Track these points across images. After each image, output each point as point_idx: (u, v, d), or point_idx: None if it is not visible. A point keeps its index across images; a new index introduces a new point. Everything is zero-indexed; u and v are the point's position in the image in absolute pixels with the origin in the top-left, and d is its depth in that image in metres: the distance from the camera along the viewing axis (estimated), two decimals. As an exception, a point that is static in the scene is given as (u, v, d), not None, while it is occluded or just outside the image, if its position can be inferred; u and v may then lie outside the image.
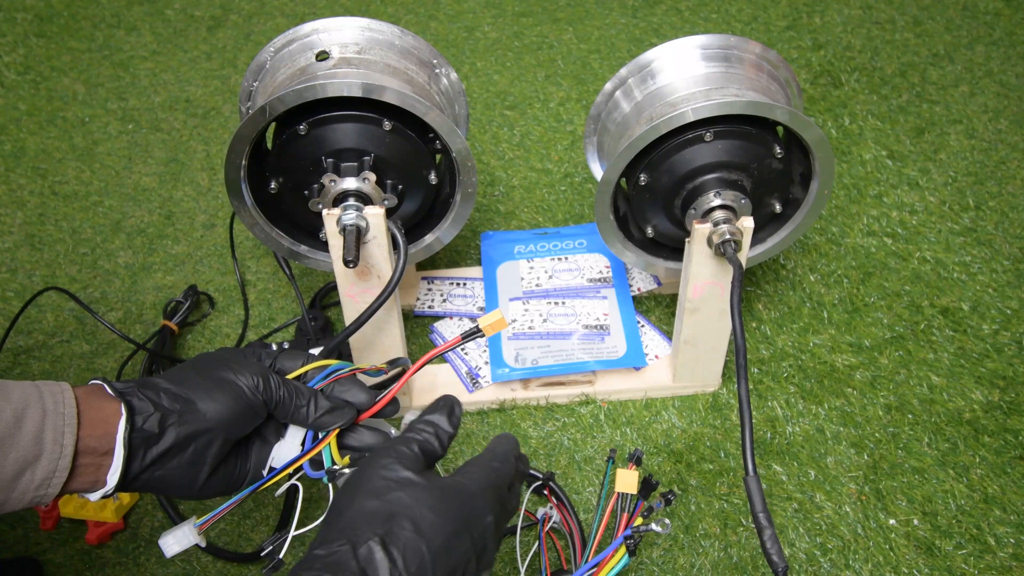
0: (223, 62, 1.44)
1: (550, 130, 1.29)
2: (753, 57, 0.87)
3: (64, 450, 0.52)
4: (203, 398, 0.57)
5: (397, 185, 0.81)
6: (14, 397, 0.52)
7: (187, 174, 1.23)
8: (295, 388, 0.61)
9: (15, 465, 0.51)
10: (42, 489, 0.52)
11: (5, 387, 0.53)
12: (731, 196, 0.79)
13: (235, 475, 0.61)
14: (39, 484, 0.52)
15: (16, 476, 0.51)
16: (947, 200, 1.14)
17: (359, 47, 0.86)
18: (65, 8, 1.57)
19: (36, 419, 0.52)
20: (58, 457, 0.52)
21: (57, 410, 0.53)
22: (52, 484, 0.52)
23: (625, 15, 1.51)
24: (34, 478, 0.51)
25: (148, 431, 0.55)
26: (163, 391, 0.57)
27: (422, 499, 0.51)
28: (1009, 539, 0.80)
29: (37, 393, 0.53)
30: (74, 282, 1.08)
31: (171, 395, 0.57)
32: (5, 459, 0.50)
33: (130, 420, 0.54)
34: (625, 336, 0.95)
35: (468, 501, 0.52)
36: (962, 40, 1.42)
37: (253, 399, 0.59)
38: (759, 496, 0.60)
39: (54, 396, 0.53)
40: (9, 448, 0.51)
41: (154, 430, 0.55)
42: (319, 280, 1.08)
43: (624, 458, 0.86)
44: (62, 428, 0.52)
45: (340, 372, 0.65)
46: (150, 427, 0.55)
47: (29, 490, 0.52)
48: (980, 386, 0.92)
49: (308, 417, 0.61)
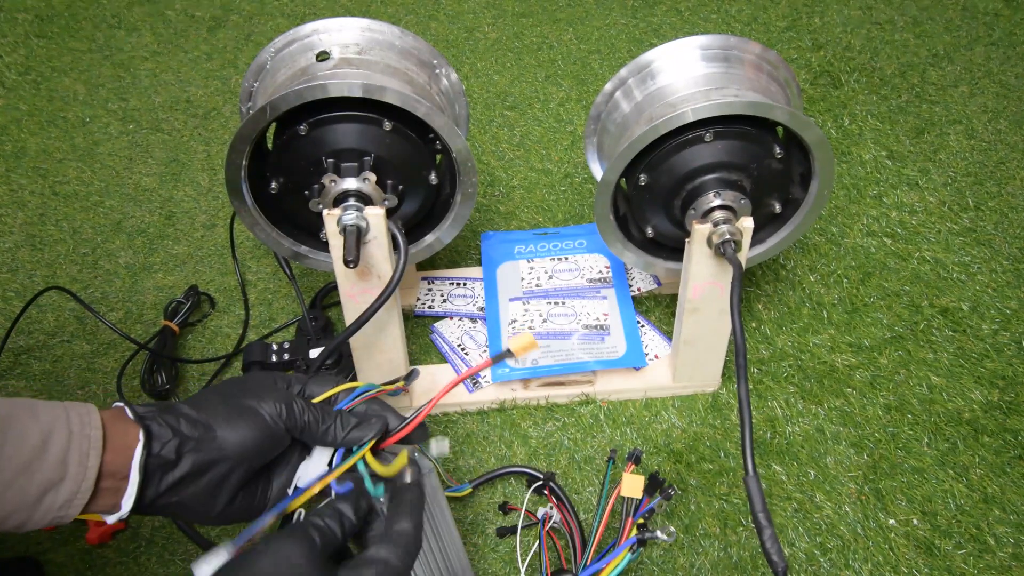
0: (223, 62, 1.44)
1: (550, 130, 1.29)
2: (753, 57, 0.87)
3: (88, 472, 0.52)
4: (223, 426, 0.57)
5: (397, 185, 0.81)
6: (43, 419, 0.52)
7: (187, 174, 1.23)
8: (321, 411, 0.61)
9: (40, 487, 0.51)
10: (63, 510, 0.52)
11: (34, 408, 0.53)
12: (731, 196, 0.79)
13: (256, 500, 0.61)
14: (61, 505, 0.52)
15: (40, 497, 0.51)
16: (947, 200, 1.14)
17: (359, 47, 0.86)
18: (66, 9, 1.57)
19: (62, 441, 0.52)
20: (81, 479, 0.52)
21: (83, 432, 0.53)
22: (73, 505, 0.52)
23: (625, 15, 1.52)
24: (57, 499, 0.52)
25: (165, 457, 0.55)
26: (183, 417, 0.57)
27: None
28: (1009, 539, 0.80)
29: (64, 415, 0.53)
30: (75, 282, 1.09)
31: (191, 421, 0.57)
32: (31, 481, 0.51)
33: (147, 446, 0.54)
34: (625, 336, 0.95)
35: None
36: (962, 40, 1.42)
37: (275, 427, 0.58)
38: (759, 496, 0.60)
39: (81, 418, 0.53)
40: (35, 470, 0.51)
41: (171, 456, 0.55)
42: (319, 280, 1.08)
43: (624, 458, 0.86)
44: (87, 450, 0.52)
45: (367, 393, 0.64)
46: (167, 453, 0.55)
47: (51, 510, 0.52)
48: (980, 386, 0.92)
49: (336, 437, 0.61)
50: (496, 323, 0.98)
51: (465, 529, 0.83)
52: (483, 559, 0.81)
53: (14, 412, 0.52)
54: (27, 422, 0.52)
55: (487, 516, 0.84)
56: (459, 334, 0.99)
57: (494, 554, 0.81)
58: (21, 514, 0.51)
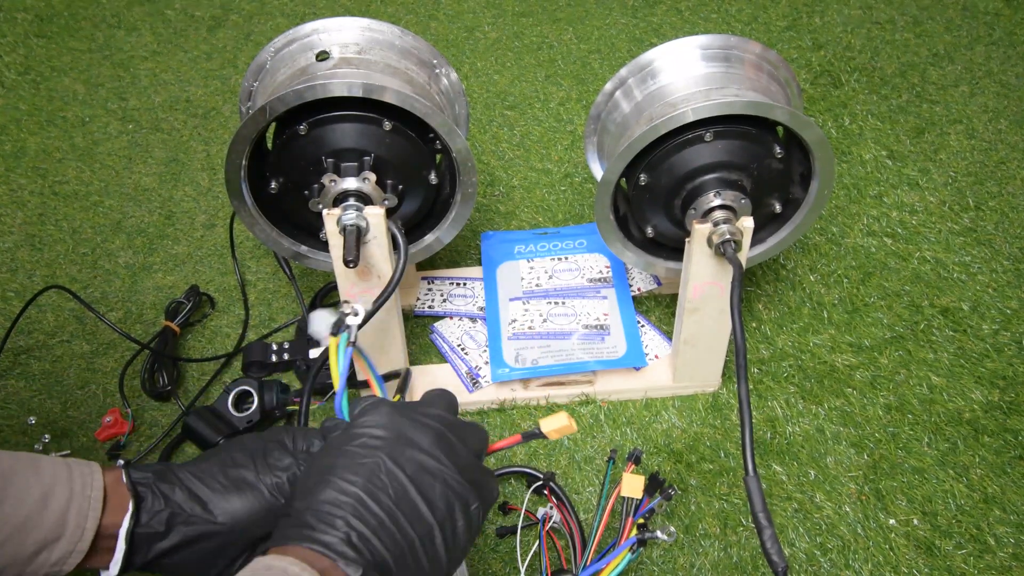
0: (223, 62, 1.44)
1: (550, 130, 1.29)
2: (753, 57, 0.87)
3: (85, 534, 0.52)
4: (219, 500, 0.56)
5: (397, 185, 0.81)
6: (45, 475, 0.52)
7: (187, 174, 1.23)
8: None
9: (36, 544, 0.51)
10: (57, 566, 0.52)
11: (37, 464, 0.53)
12: (731, 196, 0.79)
13: None
14: (55, 562, 0.52)
15: (35, 554, 0.51)
16: (947, 200, 1.14)
17: (359, 47, 0.86)
18: (65, 8, 1.57)
19: (63, 500, 0.52)
20: (77, 540, 0.52)
21: (84, 493, 0.53)
22: (68, 564, 0.52)
23: (625, 15, 1.51)
24: (51, 556, 0.52)
25: (154, 528, 0.55)
26: (180, 486, 0.56)
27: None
28: (1009, 539, 0.80)
29: (67, 473, 0.53)
30: (74, 282, 1.08)
31: (187, 492, 0.56)
32: (27, 538, 0.51)
33: (136, 515, 0.54)
34: (625, 336, 0.95)
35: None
36: (962, 40, 1.42)
37: (273, 502, 0.57)
38: (759, 496, 0.60)
39: (83, 478, 0.53)
40: (32, 527, 0.51)
41: (160, 528, 0.55)
42: (319, 280, 1.08)
43: (624, 458, 0.86)
44: (86, 511, 0.52)
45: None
46: (156, 524, 0.55)
47: (45, 566, 0.52)
48: (980, 386, 0.92)
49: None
50: (496, 323, 0.98)
51: (465, 529, 0.83)
52: (483, 559, 0.81)
53: (16, 467, 0.52)
54: (29, 478, 0.52)
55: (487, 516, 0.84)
56: (459, 334, 0.99)
57: (494, 554, 0.81)
58: (14, 568, 0.51)
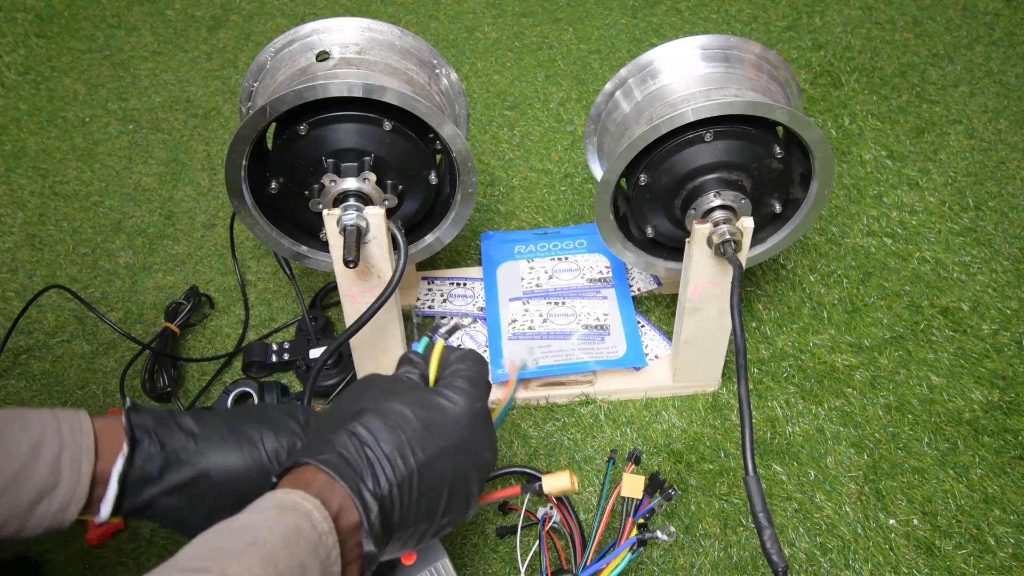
0: (223, 62, 1.44)
1: (550, 130, 1.29)
2: (753, 57, 0.87)
3: (81, 479, 0.53)
4: (214, 449, 0.56)
5: (397, 185, 0.81)
6: (32, 427, 0.53)
7: (187, 174, 1.23)
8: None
9: (32, 494, 0.51)
10: (59, 516, 0.53)
11: (24, 417, 0.53)
12: (731, 196, 0.79)
13: None
14: (56, 511, 0.52)
15: (33, 504, 0.52)
16: (947, 200, 1.14)
17: (359, 47, 0.86)
18: (66, 8, 1.57)
19: (54, 448, 0.52)
20: (75, 485, 0.52)
21: (75, 440, 0.53)
22: (69, 511, 0.53)
23: (625, 15, 1.51)
24: (51, 506, 0.52)
25: (147, 471, 0.55)
26: (179, 431, 0.56)
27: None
28: (1009, 539, 0.80)
29: (55, 423, 0.53)
30: (74, 282, 1.09)
31: (187, 434, 0.56)
32: (22, 489, 0.51)
33: (130, 458, 0.54)
34: (625, 336, 0.95)
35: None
36: (962, 40, 1.42)
37: (268, 466, 0.57)
38: (759, 496, 0.60)
39: (71, 426, 0.54)
40: (26, 478, 0.51)
41: (153, 472, 0.55)
42: (319, 280, 1.08)
43: (624, 458, 0.86)
44: (79, 457, 0.53)
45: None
46: (151, 468, 0.55)
47: (47, 517, 0.52)
48: (980, 386, 0.92)
49: None
50: (496, 323, 0.98)
51: (465, 529, 0.83)
52: (483, 559, 0.81)
53: (2, 422, 0.52)
54: (16, 432, 0.52)
55: (487, 516, 0.84)
56: (459, 334, 0.99)
57: (494, 554, 0.81)
58: (15, 522, 0.51)
